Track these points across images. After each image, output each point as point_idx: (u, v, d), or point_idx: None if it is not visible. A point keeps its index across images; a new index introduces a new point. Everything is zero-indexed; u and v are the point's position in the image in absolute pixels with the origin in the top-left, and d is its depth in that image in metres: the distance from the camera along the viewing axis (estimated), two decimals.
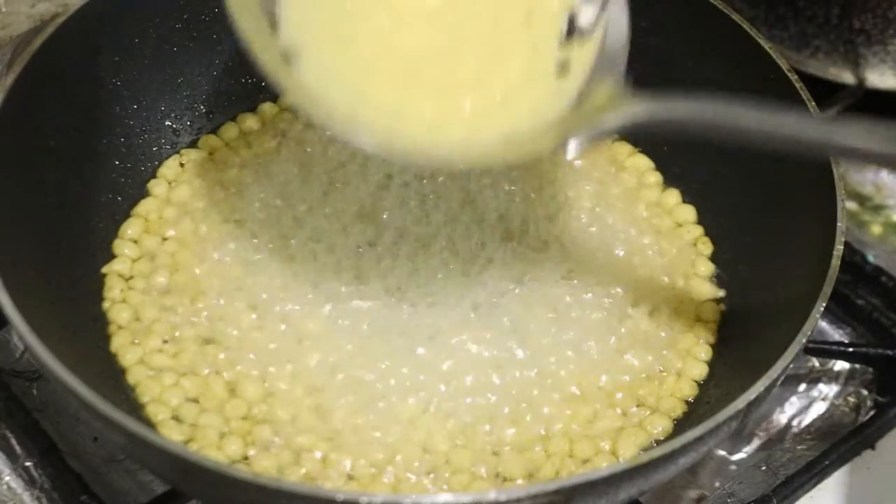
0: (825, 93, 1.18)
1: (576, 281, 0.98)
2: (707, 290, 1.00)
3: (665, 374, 0.94)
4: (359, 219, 1.00)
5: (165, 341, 0.93)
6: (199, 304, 0.95)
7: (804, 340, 0.83)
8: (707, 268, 1.01)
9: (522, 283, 0.97)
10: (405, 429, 0.89)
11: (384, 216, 1.00)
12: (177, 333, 0.94)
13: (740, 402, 0.80)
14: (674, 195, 1.05)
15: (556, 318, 0.96)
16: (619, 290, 0.98)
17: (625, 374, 0.94)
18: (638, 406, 0.93)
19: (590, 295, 0.98)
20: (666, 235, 1.02)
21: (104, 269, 0.97)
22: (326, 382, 0.91)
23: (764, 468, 1.00)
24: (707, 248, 1.02)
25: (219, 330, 0.94)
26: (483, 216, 1.01)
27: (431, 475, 0.87)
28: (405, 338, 0.94)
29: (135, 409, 0.89)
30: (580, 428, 0.91)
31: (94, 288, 0.96)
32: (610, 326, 0.96)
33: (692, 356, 0.96)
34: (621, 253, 1.01)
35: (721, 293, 0.99)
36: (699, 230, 1.03)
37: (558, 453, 0.89)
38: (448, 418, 0.90)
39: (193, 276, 0.97)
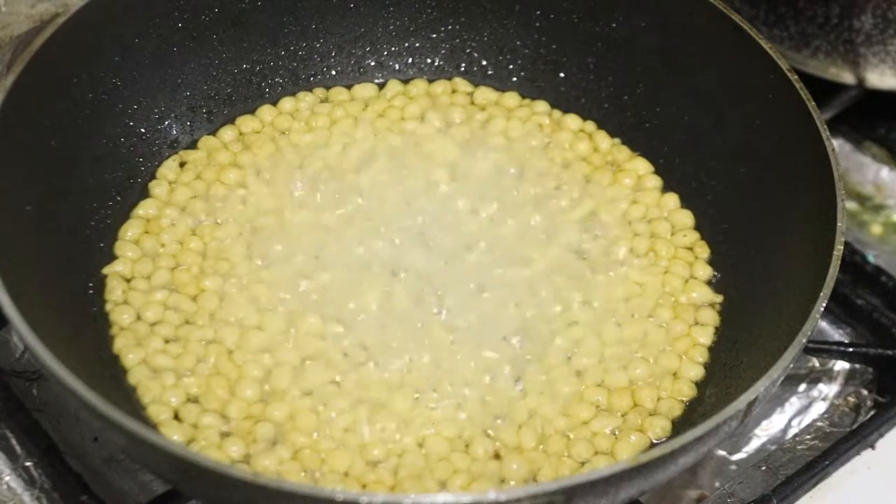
0: (825, 93, 1.18)
1: (575, 283, 0.98)
2: (705, 293, 0.99)
3: (663, 375, 0.94)
4: (360, 220, 1.01)
5: (167, 342, 0.93)
6: (200, 304, 0.95)
7: (804, 340, 0.83)
8: (705, 271, 1.01)
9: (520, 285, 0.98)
10: (405, 429, 0.89)
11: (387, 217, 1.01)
12: (178, 334, 0.94)
13: (740, 402, 0.80)
14: (672, 199, 1.05)
15: (555, 320, 0.96)
16: (617, 292, 0.98)
17: (623, 376, 0.94)
18: (636, 407, 0.93)
19: (588, 296, 0.98)
20: (664, 239, 1.02)
21: (105, 270, 0.97)
22: (327, 383, 0.91)
23: (764, 468, 1.00)
24: (704, 251, 1.02)
25: (220, 330, 0.94)
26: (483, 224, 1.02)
27: (431, 475, 0.87)
28: (405, 341, 0.94)
29: (136, 409, 0.89)
30: (579, 430, 0.91)
31: (95, 288, 0.96)
32: (608, 328, 0.96)
33: (689, 358, 0.96)
34: (620, 255, 1.01)
35: (719, 298, 0.99)
36: (697, 234, 1.03)
37: (557, 455, 0.89)
38: (448, 420, 0.90)
39: (194, 276, 0.97)
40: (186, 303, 0.95)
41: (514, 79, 1.12)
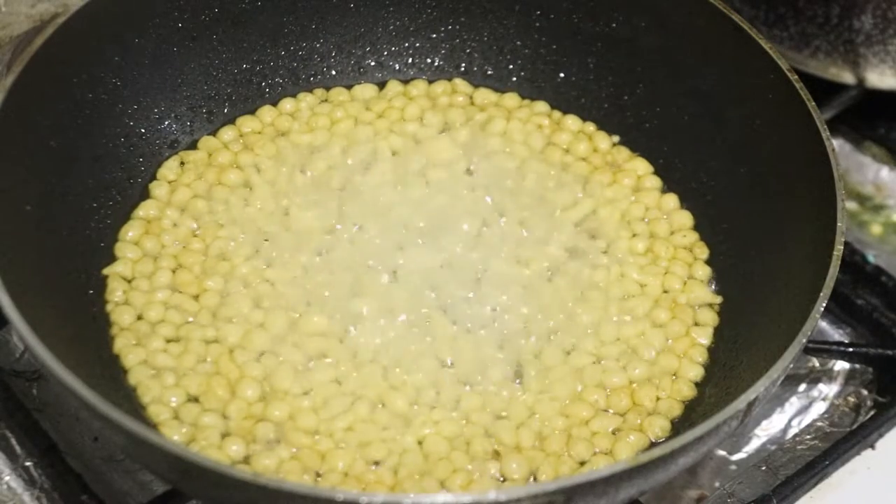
0: (825, 93, 1.18)
1: (573, 283, 0.99)
2: (704, 293, 1.00)
3: (663, 375, 0.94)
4: (360, 221, 1.01)
5: (168, 342, 0.93)
6: (201, 304, 0.95)
7: (804, 340, 0.83)
8: (704, 271, 1.01)
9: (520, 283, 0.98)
10: (405, 429, 0.89)
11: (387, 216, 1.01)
12: (179, 334, 0.94)
13: (740, 402, 0.80)
14: (672, 199, 1.05)
15: (554, 320, 0.96)
16: (616, 292, 0.98)
17: (623, 376, 0.94)
18: (636, 407, 0.93)
19: (587, 296, 0.98)
20: (663, 239, 1.02)
21: (105, 271, 0.96)
22: (328, 382, 0.91)
23: (764, 468, 1.00)
24: (704, 251, 1.02)
25: (222, 329, 0.94)
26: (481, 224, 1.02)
27: (431, 475, 0.87)
28: (405, 341, 0.94)
29: (136, 409, 0.89)
30: (578, 430, 0.91)
31: (96, 288, 0.96)
32: (607, 328, 0.96)
33: (689, 358, 0.96)
34: (619, 256, 1.01)
35: (718, 299, 0.99)
36: (696, 234, 1.03)
37: (557, 454, 0.89)
38: (448, 419, 0.90)
39: (195, 276, 0.97)
40: (188, 302, 0.95)
41: (514, 79, 1.12)
